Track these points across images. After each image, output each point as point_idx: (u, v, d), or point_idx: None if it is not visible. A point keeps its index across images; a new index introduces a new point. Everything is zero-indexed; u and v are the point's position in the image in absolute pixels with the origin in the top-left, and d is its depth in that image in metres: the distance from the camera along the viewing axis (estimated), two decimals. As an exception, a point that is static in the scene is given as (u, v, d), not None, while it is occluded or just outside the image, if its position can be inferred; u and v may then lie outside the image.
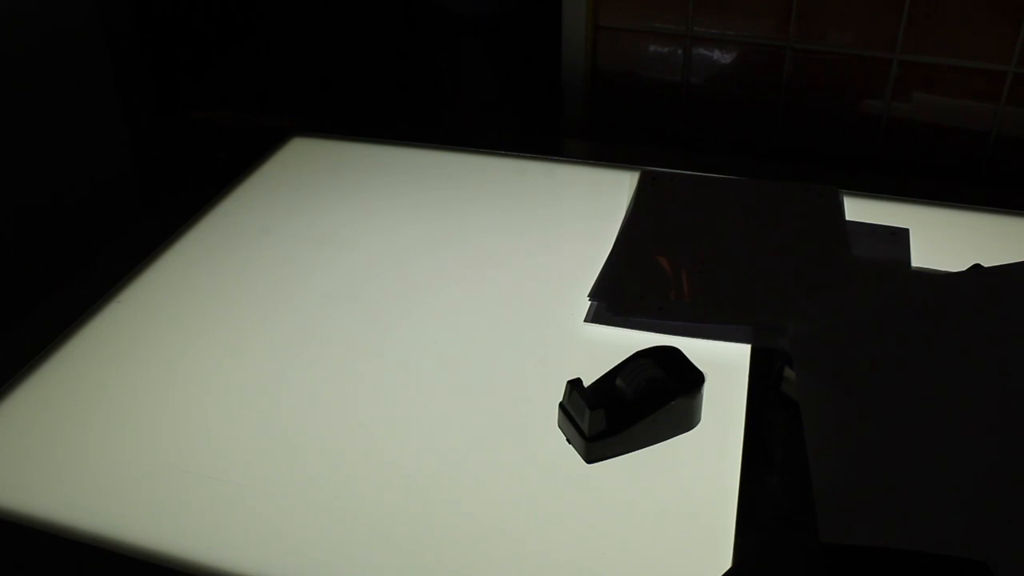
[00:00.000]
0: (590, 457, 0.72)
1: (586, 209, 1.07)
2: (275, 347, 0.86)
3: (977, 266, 0.87)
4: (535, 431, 0.76)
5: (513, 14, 1.50)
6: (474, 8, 1.52)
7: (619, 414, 0.72)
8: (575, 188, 1.14)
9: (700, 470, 0.72)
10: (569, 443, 0.74)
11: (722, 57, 1.24)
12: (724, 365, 0.81)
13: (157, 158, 1.45)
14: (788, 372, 0.77)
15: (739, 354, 0.83)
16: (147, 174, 1.41)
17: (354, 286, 0.94)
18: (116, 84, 1.50)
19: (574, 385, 0.73)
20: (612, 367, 0.76)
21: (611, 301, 0.89)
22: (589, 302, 0.90)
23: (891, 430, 0.72)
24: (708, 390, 0.75)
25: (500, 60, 1.57)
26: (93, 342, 0.88)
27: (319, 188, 1.12)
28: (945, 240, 0.96)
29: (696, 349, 0.78)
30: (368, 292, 0.93)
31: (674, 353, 0.77)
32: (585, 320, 0.88)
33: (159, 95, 1.74)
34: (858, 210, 1.02)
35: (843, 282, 0.90)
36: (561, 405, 0.75)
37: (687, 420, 0.75)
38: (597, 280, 0.92)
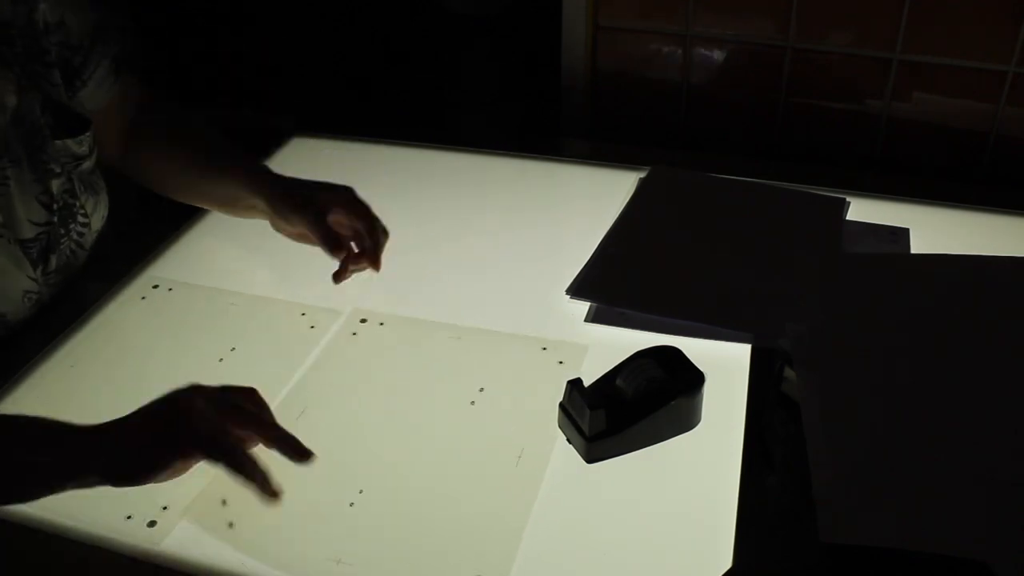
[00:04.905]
0: (590, 457, 0.72)
1: (586, 209, 1.07)
2: (274, 345, 0.86)
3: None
4: (535, 431, 0.76)
5: (513, 14, 1.50)
6: (474, 8, 1.52)
7: (619, 414, 0.72)
8: (575, 188, 1.14)
9: (700, 470, 0.72)
10: (569, 443, 0.74)
11: (722, 57, 1.24)
12: (724, 365, 0.81)
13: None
14: (788, 372, 0.77)
15: (739, 354, 0.83)
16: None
17: (354, 285, 0.94)
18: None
19: (574, 385, 0.73)
20: (612, 367, 0.76)
21: (592, 293, 0.89)
22: (589, 303, 0.90)
23: (891, 430, 0.72)
24: (708, 390, 0.75)
25: (500, 60, 1.58)
26: (93, 341, 0.88)
27: (319, 188, 1.12)
28: (945, 240, 0.96)
29: (696, 349, 0.78)
30: (368, 291, 0.93)
31: (674, 353, 0.77)
32: (585, 320, 0.88)
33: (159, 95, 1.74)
34: (858, 210, 1.02)
35: (837, 284, 0.90)
36: (561, 405, 0.75)
37: (687, 420, 0.75)
38: (580, 272, 0.93)
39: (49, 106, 0.89)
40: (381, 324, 0.89)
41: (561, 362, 0.82)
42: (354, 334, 0.87)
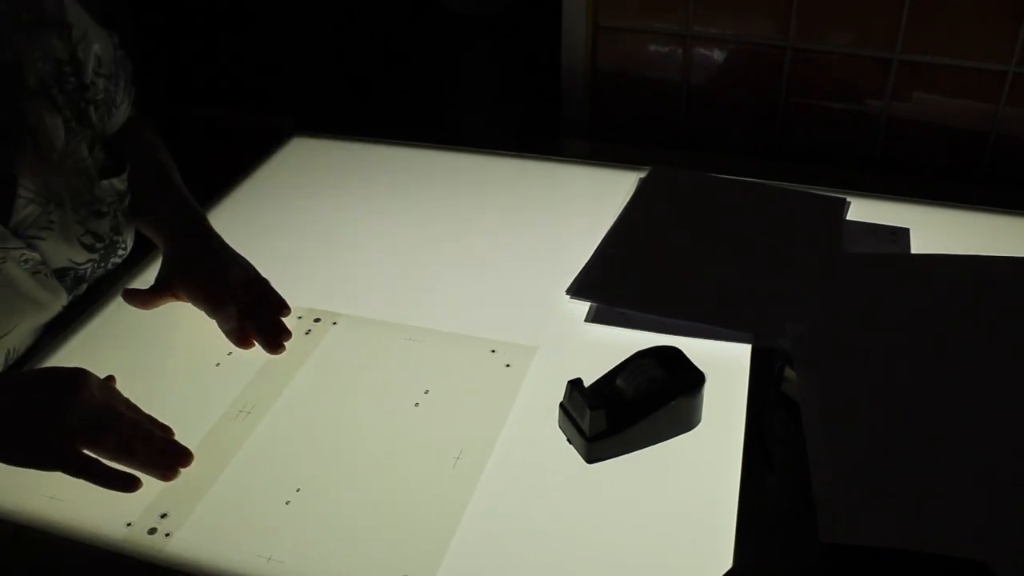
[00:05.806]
0: (590, 457, 0.72)
1: (586, 209, 1.07)
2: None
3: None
4: (535, 431, 0.76)
5: (513, 14, 1.50)
6: (474, 8, 1.52)
7: (619, 414, 0.72)
8: (575, 188, 1.14)
9: (700, 470, 0.72)
10: (569, 443, 0.74)
11: (722, 57, 1.24)
12: (724, 365, 0.81)
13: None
14: (788, 372, 0.77)
15: (739, 354, 0.83)
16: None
17: (354, 285, 0.94)
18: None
19: (574, 385, 0.73)
20: (612, 367, 0.76)
21: (592, 293, 0.89)
22: (589, 303, 0.90)
23: (891, 430, 0.72)
24: (708, 390, 0.75)
25: (500, 60, 1.57)
26: (93, 341, 0.88)
27: (319, 188, 1.12)
28: (945, 240, 0.96)
29: (696, 349, 0.78)
30: (368, 292, 0.93)
31: (674, 353, 0.77)
32: (585, 320, 0.88)
33: (160, 95, 1.74)
34: (858, 210, 1.02)
35: (837, 284, 0.90)
36: (561, 405, 0.75)
37: (687, 420, 0.75)
38: (580, 273, 0.93)
39: (95, 145, 0.88)
40: (334, 324, 0.89)
41: (508, 365, 0.82)
42: (307, 332, 0.88)
